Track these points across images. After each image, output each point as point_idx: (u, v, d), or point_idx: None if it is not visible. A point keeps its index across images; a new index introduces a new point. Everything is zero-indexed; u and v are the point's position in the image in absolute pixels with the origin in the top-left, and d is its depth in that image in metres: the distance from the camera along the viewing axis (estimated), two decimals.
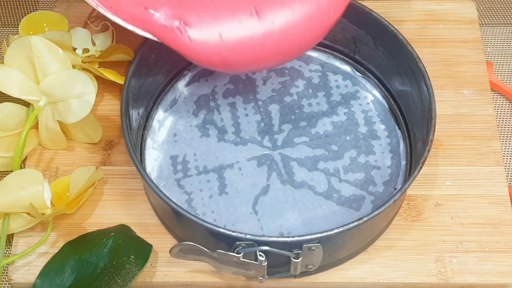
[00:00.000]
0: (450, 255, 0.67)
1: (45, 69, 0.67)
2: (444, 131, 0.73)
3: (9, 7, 0.86)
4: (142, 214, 0.69)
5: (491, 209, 0.69)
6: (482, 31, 0.83)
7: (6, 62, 0.68)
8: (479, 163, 0.72)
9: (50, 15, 0.74)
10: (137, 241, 0.66)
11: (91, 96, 0.66)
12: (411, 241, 0.68)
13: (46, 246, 0.68)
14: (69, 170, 0.71)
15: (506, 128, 0.78)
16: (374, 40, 0.73)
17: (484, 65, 0.78)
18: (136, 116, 0.70)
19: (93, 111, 0.70)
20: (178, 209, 0.61)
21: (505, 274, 0.67)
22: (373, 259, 0.67)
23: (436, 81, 0.74)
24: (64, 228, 0.69)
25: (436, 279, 0.66)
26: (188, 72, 0.77)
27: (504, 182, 0.71)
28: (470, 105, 0.75)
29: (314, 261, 0.63)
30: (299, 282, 0.67)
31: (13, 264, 0.67)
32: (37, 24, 0.73)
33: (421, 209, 0.70)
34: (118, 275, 0.64)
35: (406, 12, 0.81)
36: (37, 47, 0.67)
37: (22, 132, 0.68)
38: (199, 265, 0.66)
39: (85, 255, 0.64)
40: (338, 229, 0.60)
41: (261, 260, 0.61)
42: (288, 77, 0.76)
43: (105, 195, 0.70)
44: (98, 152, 0.73)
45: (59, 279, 0.64)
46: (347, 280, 0.67)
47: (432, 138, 0.64)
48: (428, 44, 0.79)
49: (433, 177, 0.71)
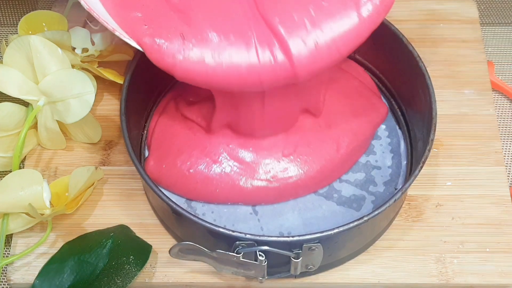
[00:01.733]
0: (451, 256, 0.67)
1: (44, 68, 0.67)
2: (445, 131, 0.73)
3: (8, 7, 0.86)
4: (142, 214, 0.69)
5: (492, 210, 0.69)
6: (483, 30, 0.83)
7: (5, 61, 0.68)
8: (480, 163, 0.72)
9: (49, 15, 0.74)
10: (136, 241, 0.66)
11: (91, 96, 0.66)
12: (412, 241, 0.68)
13: (45, 246, 0.68)
14: (68, 170, 0.71)
15: (507, 128, 0.77)
16: (374, 39, 0.73)
17: (485, 65, 0.77)
18: (136, 116, 0.70)
19: (93, 111, 0.70)
20: (178, 209, 0.61)
21: (506, 274, 0.67)
22: (374, 260, 0.67)
23: (436, 81, 0.73)
24: (63, 228, 0.69)
25: (437, 280, 0.66)
26: None
27: (505, 182, 0.71)
28: (471, 105, 0.75)
29: (314, 261, 0.63)
30: (299, 283, 0.67)
31: (12, 264, 0.67)
32: (36, 24, 0.73)
33: (422, 209, 0.69)
34: (117, 276, 0.64)
35: (406, 11, 0.81)
36: (36, 47, 0.67)
37: (21, 132, 0.68)
38: (199, 266, 0.65)
39: (85, 255, 0.64)
40: (338, 229, 0.60)
41: (261, 260, 0.61)
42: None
43: (104, 195, 0.70)
44: (98, 152, 0.73)
45: (58, 279, 0.63)
46: (348, 280, 0.67)
47: (432, 138, 0.64)
48: (428, 43, 0.79)
49: (434, 177, 0.71)
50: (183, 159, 0.67)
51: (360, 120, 0.69)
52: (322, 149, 0.67)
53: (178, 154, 0.68)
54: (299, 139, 0.67)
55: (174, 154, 0.68)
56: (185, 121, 0.69)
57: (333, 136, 0.68)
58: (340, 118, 0.69)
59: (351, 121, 0.68)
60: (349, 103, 0.70)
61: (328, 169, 0.68)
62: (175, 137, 0.69)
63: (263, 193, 0.67)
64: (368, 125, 0.69)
